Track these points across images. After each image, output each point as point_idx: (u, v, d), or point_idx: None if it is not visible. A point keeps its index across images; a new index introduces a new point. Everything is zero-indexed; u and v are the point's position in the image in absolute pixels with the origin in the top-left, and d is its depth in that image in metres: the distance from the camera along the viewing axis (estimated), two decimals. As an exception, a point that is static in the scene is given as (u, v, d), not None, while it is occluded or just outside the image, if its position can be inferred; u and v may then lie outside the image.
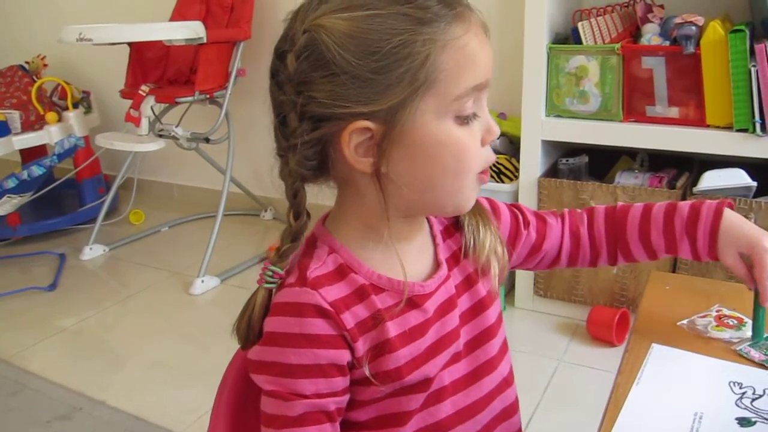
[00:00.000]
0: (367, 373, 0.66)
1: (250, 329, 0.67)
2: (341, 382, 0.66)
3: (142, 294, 2.41)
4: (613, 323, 1.85)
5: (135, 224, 3.01)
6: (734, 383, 0.72)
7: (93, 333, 2.18)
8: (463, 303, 0.74)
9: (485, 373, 0.75)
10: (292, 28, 0.63)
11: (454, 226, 0.77)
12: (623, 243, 0.84)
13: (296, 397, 0.64)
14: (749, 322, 0.82)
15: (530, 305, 2.11)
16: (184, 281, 2.43)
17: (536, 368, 1.84)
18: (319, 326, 0.64)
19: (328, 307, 0.64)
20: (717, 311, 0.86)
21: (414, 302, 0.69)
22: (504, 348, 0.79)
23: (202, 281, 2.35)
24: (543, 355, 1.90)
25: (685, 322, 0.85)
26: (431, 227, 0.75)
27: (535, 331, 2.03)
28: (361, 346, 0.66)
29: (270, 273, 0.66)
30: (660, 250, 0.83)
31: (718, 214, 0.80)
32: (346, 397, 0.68)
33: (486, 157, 0.67)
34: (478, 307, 0.75)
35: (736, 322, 0.83)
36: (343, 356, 0.66)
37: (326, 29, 0.60)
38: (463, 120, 0.64)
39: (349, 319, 0.65)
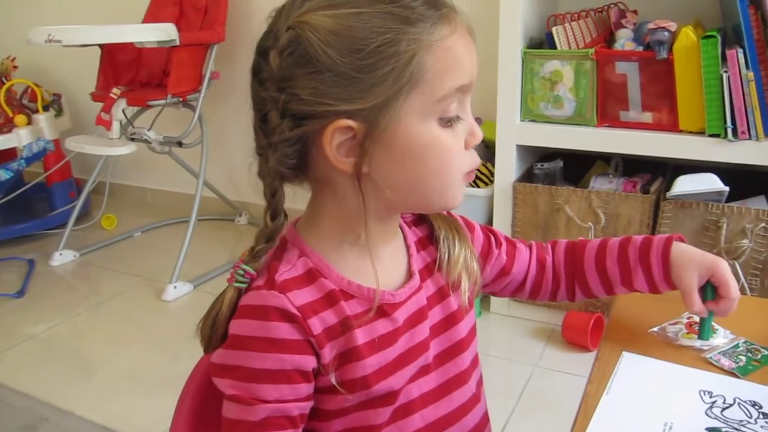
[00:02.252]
0: (333, 380, 0.65)
1: (214, 331, 0.65)
2: (305, 388, 0.64)
3: (113, 300, 2.37)
4: (588, 328, 1.86)
5: (107, 229, 2.96)
6: (704, 392, 0.71)
7: (62, 340, 2.13)
8: (435, 315, 0.73)
9: (455, 387, 0.74)
10: (276, 24, 0.62)
11: (428, 239, 0.76)
12: (580, 273, 0.84)
13: (259, 401, 0.62)
14: (720, 330, 0.82)
15: (506, 310, 2.10)
16: (156, 287, 2.39)
17: (511, 374, 1.83)
18: (284, 330, 0.63)
19: (295, 311, 0.63)
20: (688, 318, 0.85)
21: (383, 311, 0.68)
22: (475, 362, 0.78)
23: (175, 287, 2.32)
24: (518, 360, 1.89)
25: (656, 329, 0.85)
26: (405, 237, 0.74)
27: (510, 336, 2.02)
28: (328, 352, 0.64)
29: (241, 272, 0.65)
30: (615, 281, 0.83)
31: (669, 241, 0.81)
32: (309, 404, 0.66)
33: (471, 159, 0.67)
34: (450, 321, 0.74)
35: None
36: (308, 362, 0.64)
37: (310, 26, 0.59)
38: (447, 122, 0.63)
39: (316, 324, 0.64)
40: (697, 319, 0.83)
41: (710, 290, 0.79)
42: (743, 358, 0.77)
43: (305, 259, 0.67)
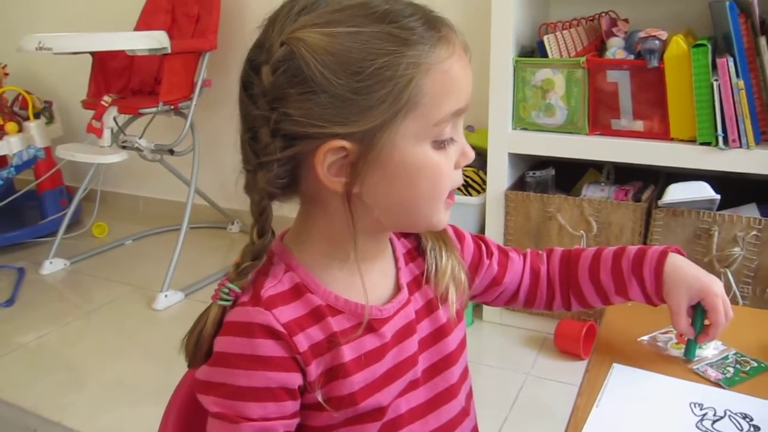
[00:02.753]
0: (320, 398, 0.64)
1: (199, 347, 0.64)
2: (291, 405, 0.63)
3: (104, 309, 2.35)
4: (581, 336, 1.85)
5: (98, 237, 2.95)
6: (695, 404, 0.71)
7: (52, 350, 2.11)
8: (423, 329, 0.72)
9: (444, 402, 0.73)
10: (268, 37, 0.60)
11: (416, 250, 0.75)
12: (575, 283, 0.83)
13: (244, 419, 0.61)
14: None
15: (498, 319, 2.10)
16: (147, 296, 2.37)
17: (504, 383, 1.82)
18: (270, 348, 0.62)
19: (280, 328, 0.62)
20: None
21: (371, 326, 0.67)
22: (464, 376, 0.77)
23: (166, 296, 2.31)
24: (511, 369, 1.88)
25: (646, 338, 0.85)
26: (394, 250, 0.73)
27: (503, 344, 2.01)
28: (314, 369, 0.63)
29: (226, 290, 0.64)
30: (610, 292, 0.82)
31: (663, 255, 0.79)
32: (295, 421, 0.65)
33: (456, 180, 0.66)
34: (439, 334, 0.73)
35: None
36: (294, 379, 0.63)
37: (306, 44, 0.58)
38: (440, 144, 0.62)
39: (302, 341, 0.63)
40: None
41: (700, 313, 0.77)
42: (731, 370, 0.77)
43: (292, 274, 0.66)
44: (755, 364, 0.78)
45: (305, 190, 0.65)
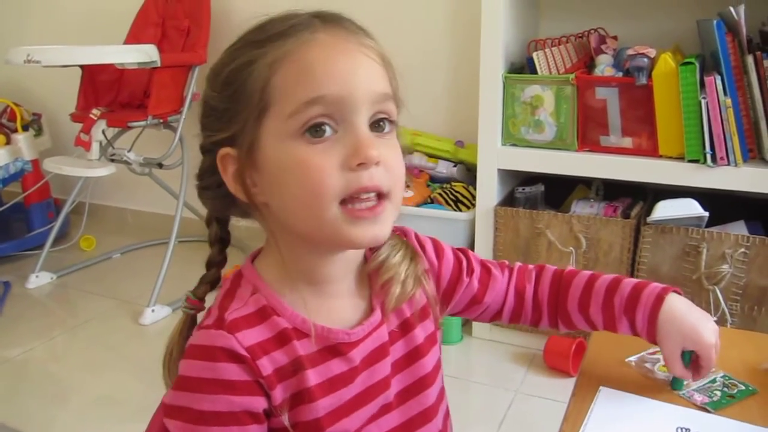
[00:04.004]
0: (286, 422, 0.63)
1: (171, 365, 0.67)
2: (255, 429, 0.62)
3: (90, 324, 2.32)
4: (570, 353, 1.85)
5: (86, 250, 2.92)
6: (682, 429, 0.70)
7: (38, 365, 2.09)
8: (397, 350, 0.71)
9: (419, 425, 0.72)
10: None
11: None
12: (563, 311, 0.81)
13: None
14: None
15: (487, 335, 2.09)
16: (134, 310, 2.35)
17: (493, 399, 1.81)
18: (232, 372, 0.61)
19: (243, 352, 0.61)
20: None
21: (338, 350, 0.66)
22: (441, 396, 0.75)
23: (153, 311, 2.29)
24: (500, 385, 1.87)
25: (634, 358, 0.84)
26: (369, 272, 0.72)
27: (492, 361, 2.01)
28: (279, 393, 0.63)
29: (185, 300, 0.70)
30: (599, 325, 0.79)
31: (659, 300, 0.75)
32: None
33: (348, 180, 0.59)
34: (414, 355, 0.72)
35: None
36: (258, 403, 0.62)
37: (209, 71, 0.66)
38: (307, 138, 0.59)
39: (266, 365, 0.62)
40: None
41: (688, 356, 0.75)
42: (718, 393, 0.76)
43: (258, 296, 0.65)
44: (743, 387, 0.77)
45: (244, 208, 0.67)
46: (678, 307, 0.75)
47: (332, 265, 0.67)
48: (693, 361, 0.75)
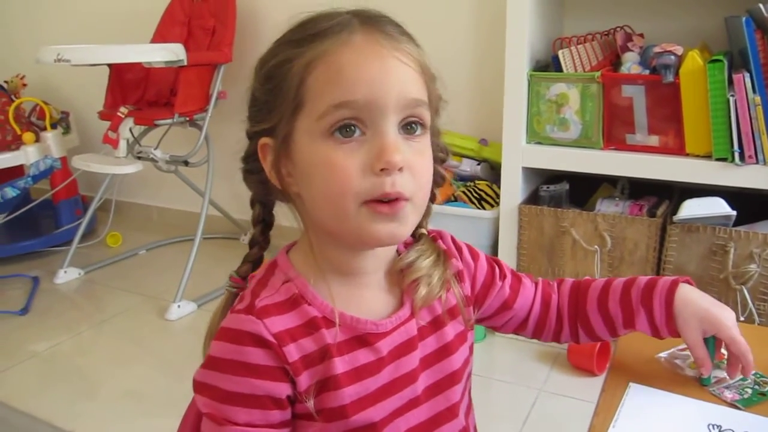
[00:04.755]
0: (311, 408, 0.64)
1: (208, 334, 0.70)
2: (278, 414, 0.64)
3: (117, 319, 2.36)
4: (594, 352, 1.84)
5: (112, 247, 2.97)
6: (713, 426, 0.70)
7: (65, 359, 2.12)
8: (428, 346, 0.72)
9: (445, 421, 0.72)
10: None
11: None
12: (583, 314, 0.82)
13: (229, 423, 0.63)
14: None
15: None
16: (160, 306, 2.38)
17: (516, 398, 1.81)
18: (258, 356, 0.63)
19: (270, 338, 0.63)
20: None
21: (365, 340, 0.67)
22: (464, 393, 0.76)
23: (179, 306, 2.31)
24: (523, 384, 1.87)
25: (664, 354, 0.84)
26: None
27: (515, 359, 2.00)
28: (305, 380, 0.64)
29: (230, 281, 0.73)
30: (618, 322, 0.80)
31: (674, 285, 0.78)
32: (284, 431, 0.65)
33: (372, 184, 0.60)
34: (443, 351, 0.73)
35: (716, 360, 0.81)
36: (281, 389, 0.64)
37: (258, 62, 0.68)
38: (337, 139, 0.61)
39: (293, 351, 0.63)
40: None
41: (711, 344, 0.77)
42: (749, 391, 0.76)
43: (290, 284, 0.67)
44: (774, 385, 0.77)
45: (282, 196, 0.70)
46: (692, 293, 0.78)
47: (361, 259, 0.69)
48: (728, 356, 0.76)
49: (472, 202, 2.09)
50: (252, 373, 0.62)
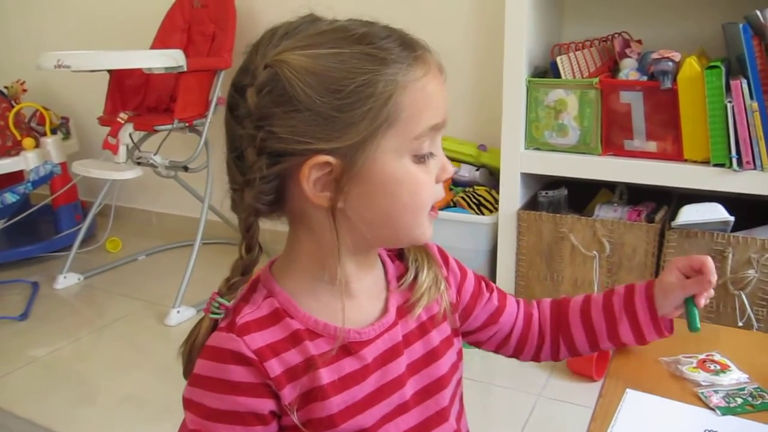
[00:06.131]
0: (296, 420, 0.65)
1: (190, 359, 0.67)
2: (261, 430, 0.65)
3: (116, 324, 2.36)
4: (593, 357, 1.84)
5: (112, 252, 2.97)
6: None
7: (65, 364, 2.12)
8: (415, 352, 0.72)
9: (435, 425, 0.73)
10: (253, 61, 0.63)
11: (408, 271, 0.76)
12: (565, 326, 0.83)
13: None
14: (735, 370, 0.81)
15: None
16: (159, 311, 2.38)
17: (515, 403, 1.81)
18: (239, 374, 0.63)
19: (250, 354, 0.63)
20: (707, 355, 0.85)
21: (349, 349, 0.68)
22: (454, 397, 0.77)
23: (178, 312, 2.31)
24: (522, 389, 1.87)
25: (668, 359, 0.84)
26: (387, 272, 0.74)
27: (514, 364, 1.96)
28: (289, 393, 0.65)
29: (216, 304, 0.66)
30: (601, 333, 0.81)
31: (651, 281, 0.80)
32: None
33: (437, 193, 0.68)
34: (430, 357, 0.73)
35: (718, 367, 0.82)
36: (265, 405, 0.64)
37: (289, 65, 0.60)
38: (420, 159, 0.64)
39: (275, 366, 0.64)
40: (716, 357, 0.82)
41: (690, 305, 0.76)
42: (739, 400, 0.76)
43: (272, 299, 0.67)
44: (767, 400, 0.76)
45: (292, 207, 0.66)
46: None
47: (362, 265, 0.70)
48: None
49: (471, 208, 2.10)
50: (234, 391, 0.63)
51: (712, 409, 0.74)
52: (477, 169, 2.20)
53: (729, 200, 1.74)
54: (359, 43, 0.62)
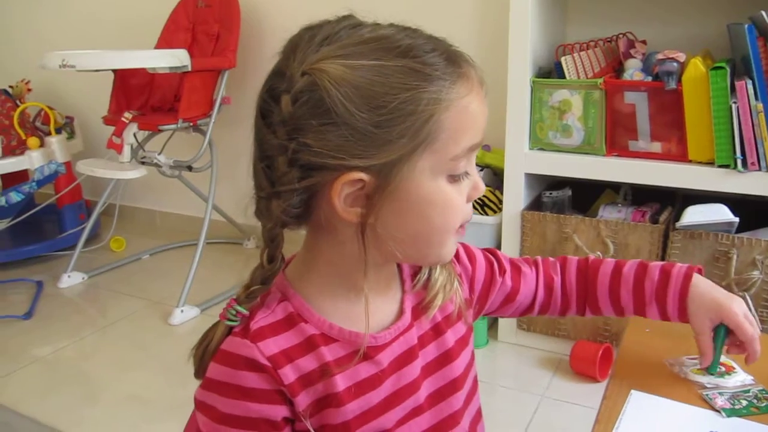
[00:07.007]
0: (309, 426, 0.64)
1: (203, 361, 0.66)
2: None
3: (120, 323, 2.36)
4: (597, 358, 1.84)
5: (116, 251, 2.97)
6: (714, 433, 0.70)
7: (69, 363, 2.13)
8: (429, 354, 0.72)
9: (448, 428, 0.73)
10: (289, 66, 0.59)
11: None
12: (593, 298, 0.84)
13: None
14: (739, 372, 0.81)
15: (513, 339, 2.09)
16: (163, 311, 2.39)
17: (518, 404, 1.81)
18: (252, 380, 0.63)
19: (264, 361, 0.62)
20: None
21: (365, 354, 0.66)
22: (469, 400, 0.76)
23: (182, 311, 2.32)
24: (525, 390, 1.87)
25: (672, 360, 0.84)
26: (401, 272, 0.73)
27: (517, 365, 2.00)
28: (303, 399, 0.64)
29: (233, 312, 0.64)
30: (628, 310, 0.84)
31: (687, 279, 0.80)
32: None
33: (467, 213, 0.66)
34: (445, 359, 0.73)
35: (723, 368, 0.82)
36: (277, 411, 0.64)
37: (329, 75, 0.57)
38: (455, 178, 0.63)
39: (288, 373, 0.63)
40: (723, 359, 0.82)
41: (720, 335, 0.79)
42: (744, 402, 0.75)
43: (286, 303, 0.66)
44: (773, 401, 0.76)
45: (318, 219, 0.64)
46: (704, 285, 0.80)
47: (385, 275, 0.70)
48: (733, 340, 0.79)
49: (475, 208, 2.09)
50: (247, 397, 0.62)
51: (717, 411, 0.74)
52: (481, 170, 2.20)
53: (733, 201, 1.73)
54: (403, 56, 0.59)
